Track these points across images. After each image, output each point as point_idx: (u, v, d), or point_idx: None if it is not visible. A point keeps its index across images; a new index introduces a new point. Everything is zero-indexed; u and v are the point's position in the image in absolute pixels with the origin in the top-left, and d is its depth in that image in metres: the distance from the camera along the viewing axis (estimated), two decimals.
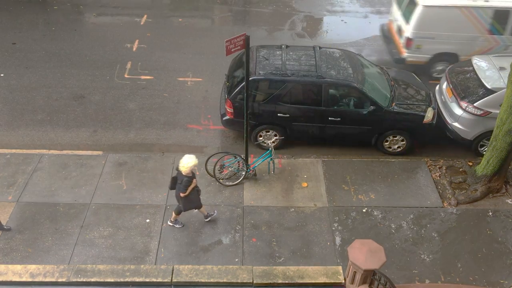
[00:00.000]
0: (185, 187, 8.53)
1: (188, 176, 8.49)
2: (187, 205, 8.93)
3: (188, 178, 8.49)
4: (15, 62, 13.89)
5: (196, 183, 8.77)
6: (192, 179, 8.56)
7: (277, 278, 7.39)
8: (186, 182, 8.49)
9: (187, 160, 8.40)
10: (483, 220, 9.91)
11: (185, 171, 8.42)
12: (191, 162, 8.39)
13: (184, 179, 8.48)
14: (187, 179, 8.49)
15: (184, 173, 8.46)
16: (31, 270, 7.36)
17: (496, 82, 10.76)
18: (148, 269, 7.47)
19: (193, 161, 8.42)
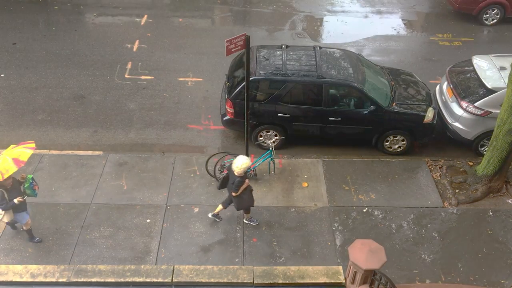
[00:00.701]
0: (237, 187, 8.65)
1: (241, 177, 8.58)
2: (240, 204, 9.03)
3: (240, 179, 8.59)
4: (15, 62, 13.89)
5: (249, 183, 8.87)
6: (244, 179, 8.68)
7: (277, 278, 7.38)
8: (238, 182, 8.60)
9: (241, 161, 8.48)
10: (484, 220, 9.91)
11: (238, 172, 8.50)
12: (245, 164, 8.48)
13: (236, 179, 8.58)
14: (240, 180, 8.59)
15: (237, 173, 8.54)
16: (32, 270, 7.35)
17: (497, 82, 10.75)
18: (149, 269, 7.46)
19: (247, 163, 8.51)
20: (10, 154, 8.09)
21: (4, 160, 7.98)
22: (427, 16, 17.31)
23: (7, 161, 7.96)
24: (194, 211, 9.78)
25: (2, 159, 7.99)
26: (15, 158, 8.05)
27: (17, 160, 8.03)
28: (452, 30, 16.29)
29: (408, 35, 16.06)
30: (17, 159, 8.05)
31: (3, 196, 8.14)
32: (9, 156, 8.03)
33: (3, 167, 7.88)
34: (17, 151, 8.20)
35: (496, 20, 16.41)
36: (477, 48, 15.01)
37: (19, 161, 8.05)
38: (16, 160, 8.03)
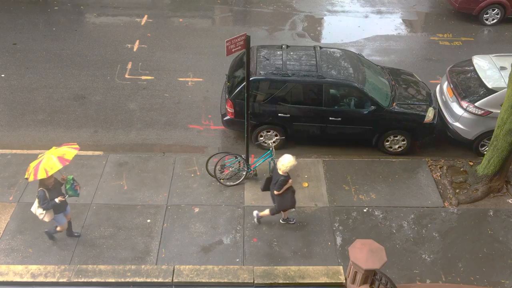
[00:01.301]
0: (280, 186, 8.63)
1: (284, 176, 8.58)
2: (281, 204, 9.00)
3: (284, 177, 8.59)
4: (15, 62, 13.90)
5: (291, 183, 8.84)
6: (288, 178, 8.66)
7: (278, 278, 7.38)
8: (282, 181, 8.59)
9: (288, 160, 8.48)
10: (484, 220, 9.90)
11: (283, 170, 8.51)
12: (291, 162, 8.47)
13: (280, 178, 8.58)
14: (283, 178, 8.59)
15: (281, 172, 8.55)
16: (32, 271, 7.36)
17: (497, 81, 10.75)
18: (149, 269, 7.46)
19: (293, 161, 8.50)
20: (55, 153, 8.11)
21: (48, 158, 7.99)
22: (427, 16, 17.31)
23: (52, 159, 7.97)
24: (194, 211, 9.78)
25: (47, 158, 8.01)
26: (60, 157, 8.07)
27: (62, 158, 8.05)
28: (452, 30, 16.28)
29: (408, 35, 16.06)
30: (62, 157, 8.07)
31: (44, 195, 8.16)
32: (53, 155, 8.05)
33: (47, 165, 7.90)
34: (61, 150, 8.22)
35: (496, 20, 16.41)
36: (478, 48, 15.02)
37: (64, 159, 8.05)
38: (61, 158, 8.05)
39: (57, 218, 8.60)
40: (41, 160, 8.03)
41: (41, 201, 8.20)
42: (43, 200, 8.18)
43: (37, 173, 7.88)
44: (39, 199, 8.22)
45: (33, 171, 7.94)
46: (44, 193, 8.17)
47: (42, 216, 8.41)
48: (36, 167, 7.97)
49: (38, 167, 7.93)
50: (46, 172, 7.85)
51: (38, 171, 7.89)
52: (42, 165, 7.93)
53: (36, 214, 8.47)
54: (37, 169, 7.92)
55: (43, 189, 8.18)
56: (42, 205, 8.22)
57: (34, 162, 8.11)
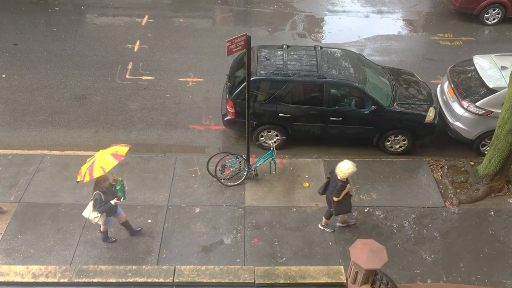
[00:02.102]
0: (339, 191, 8.61)
1: (343, 181, 8.55)
2: (339, 209, 8.97)
3: (343, 183, 8.56)
4: (16, 63, 13.90)
5: (349, 189, 8.82)
6: (346, 184, 8.63)
7: (278, 278, 7.39)
8: (340, 187, 8.57)
9: (347, 166, 8.44)
10: (485, 220, 9.90)
11: (342, 176, 8.47)
12: (350, 169, 8.44)
13: (338, 183, 8.55)
14: (342, 184, 8.56)
15: (340, 178, 8.51)
16: (33, 271, 7.37)
17: (498, 81, 10.74)
18: (150, 270, 7.47)
19: (352, 168, 8.46)
20: (107, 152, 8.08)
21: (102, 157, 7.97)
22: (428, 15, 17.30)
23: (106, 157, 7.94)
24: (195, 211, 9.78)
25: (100, 157, 7.98)
26: (113, 154, 8.04)
27: (116, 155, 8.03)
28: (453, 29, 16.27)
29: (409, 34, 16.05)
30: (116, 154, 8.05)
31: (101, 198, 8.14)
32: (106, 154, 8.02)
33: (103, 163, 7.87)
34: (113, 149, 8.20)
35: (497, 19, 16.39)
36: (478, 48, 15.00)
37: (118, 155, 8.03)
38: (115, 154, 8.02)
39: (107, 219, 8.61)
40: (93, 161, 7.96)
41: (97, 204, 8.16)
42: (99, 203, 8.14)
43: (93, 172, 7.81)
44: (95, 202, 8.18)
45: (88, 171, 7.86)
46: (100, 196, 8.13)
47: (97, 219, 8.37)
48: (90, 167, 7.89)
49: (93, 166, 7.85)
50: (103, 169, 7.81)
51: (94, 169, 7.82)
52: (97, 163, 7.85)
53: (89, 218, 8.42)
54: (92, 168, 7.84)
55: (99, 192, 8.14)
56: (98, 208, 8.18)
57: (86, 165, 8.04)
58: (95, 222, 8.46)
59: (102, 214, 8.36)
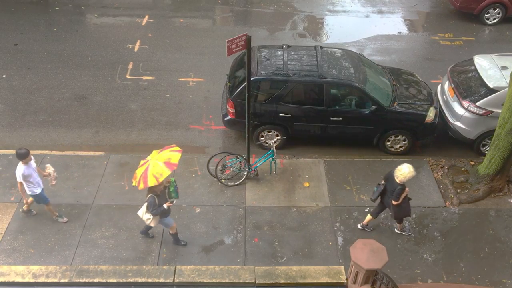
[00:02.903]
0: (398, 195, 8.58)
1: (401, 185, 8.53)
2: (398, 213, 8.96)
3: (402, 187, 8.55)
4: (17, 63, 13.91)
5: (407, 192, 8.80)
6: (405, 187, 8.62)
7: (279, 278, 7.39)
8: (400, 190, 8.55)
9: (408, 170, 8.42)
10: (486, 220, 9.89)
11: (402, 179, 8.46)
12: (411, 173, 8.42)
13: (398, 187, 8.53)
14: (401, 188, 8.54)
15: (399, 181, 8.50)
16: (34, 271, 7.37)
17: (498, 81, 10.74)
18: (150, 270, 7.47)
19: (412, 172, 8.44)
20: (160, 158, 8.00)
21: (155, 164, 7.89)
22: (428, 15, 17.30)
23: (159, 165, 7.86)
24: (195, 211, 9.78)
25: (153, 164, 7.90)
26: (166, 162, 7.94)
27: (169, 163, 7.92)
28: (453, 29, 16.27)
29: (409, 34, 16.05)
30: (169, 162, 7.94)
31: (154, 201, 8.10)
32: (159, 161, 7.94)
33: (156, 171, 7.79)
34: (166, 155, 8.09)
35: (497, 19, 16.39)
36: (479, 48, 15.00)
37: (171, 164, 7.94)
38: (168, 163, 7.92)
39: (165, 221, 8.62)
40: (147, 167, 7.91)
41: (150, 207, 8.14)
42: (153, 206, 8.12)
43: (147, 181, 7.78)
44: (148, 205, 8.16)
45: (142, 179, 7.82)
46: (154, 199, 8.09)
47: (149, 221, 8.36)
48: (144, 174, 7.84)
49: (147, 174, 7.81)
50: (156, 179, 7.76)
51: (148, 178, 7.78)
52: (150, 172, 7.80)
53: (142, 218, 8.43)
54: (146, 176, 7.79)
55: (153, 195, 8.10)
56: (152, 211, 8.17)
57: (140, 169, 8.00)
58: (147, 223, 8.43)
59: (155, 217, 8.32)
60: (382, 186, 8.87)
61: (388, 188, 8.76)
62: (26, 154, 8.43)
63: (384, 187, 8.85)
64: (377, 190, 8.97)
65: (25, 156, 8.42)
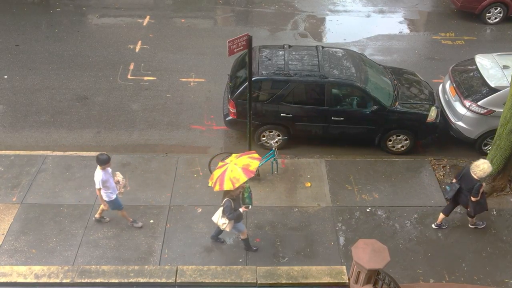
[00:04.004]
0: (478, 191, 8.66)
1: (479, 180, 8.61)
2: (477, 208, 9.02)
3: (480, 183, 8.62)
4: (18, 63, 13.93)
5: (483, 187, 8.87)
6: (482, 183, 8.71)
7: (281, 278, 7.38)
8: (479, 186, 8.63)
9: (487, 166, 8.52)
10: (487, 219, 9.87)
11: (481, 175, 8.54)
12: (490, 168, 8.53)
13: (477, 184, 8.60)
14: (479, 184, 8.62)
15: (477, 177, 8.57)
16: (36, 271, 7.38)
17: (500, 80, 10.72)
18: (152, 270, 7.47)
19: (491, 167, 8.56)
20: (239, 163, 7.97)
21: (233, 168, 7.86)
22: (429, 15, 17.29)
23: (237, 170, 7.82)
24: (197, 211, 9.78)
25: (231, 168, 7.88)
26: (244, 168, 7.90)
27: (247, 170, 7.89)
28: (454, 29, 16.25)
29: (410, 34, 16.04)
30: (247, 169, 7.91)
31: (231, 206, 8.06)
32: (237, 165, 7.91)
33: (233, 176, 7.76)
34: (245, 160, 8.05)
35: (499, 18, 16.37)
36: (480, 47, 14.98)
37: (249, 170, 7.90)
38: (246, 169, 7.88)
39: (238, 226, 8.59)
40: (225, 170, 7.90)
41: (227, 211, 8.10)
42: (229, 210, 8.08)
43: (223, 184, 7.75)
44: (225, 209, 8.12)
45: (219, 181, 7.80)
46: (230, 203, 8.06)
47: (225, 226, 8.31)
48: (221, 177, 7.82)
49: (224, 177, 7.78)
50: (233, 183, 7.73)
51: (224, 182, 7.75)
52: (227, 175, 7.77)
53: (217, 223, 8.39)
54: (223, 179, 7.77)
55: (229, 199, 8.07)
56: (228, 215, 8.13)
57: (218, 171, 7.97)
58: (222, 228, 8.38)
59: (230, 221, 8.29)
60: (457, 184, 8.96)
61: (464, 186, 8.83)
62: (108, 160, 8.33)
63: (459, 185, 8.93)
64: (451, 189, 9.07)
65: (107, 162, 8.32)
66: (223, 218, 8.27)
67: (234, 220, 8.35)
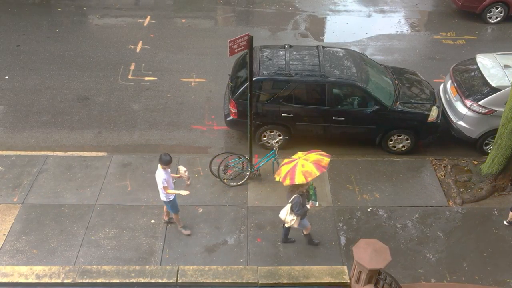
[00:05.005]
0: None
1: None
2: None
3: None
4: (19, 64, 13.94)
5: None
6: None
7: (282, 278, 7.38)
8: None
9: None
10: (489, 219, 9.87)
11: None
12: None
13: None
14: None
15: None
16: (37, 272, 7.39)
17: (501, 80, 10.71)
18: (153, 270, 7.48)
19: None
20: (309, 158, 7.90)
21: (304, 163, 7.80)
22: (430, 14, 17.27)
23: (309, 165, 7.76)
24: (198, 211, 9.79)
25: (301, 163, 7.82)
26: (316, 163, 7.82)
27: (319, 165, 7.83)
28: (455, 28, 16.24)
29: (411, 34, 16.03)
30: (319, 164, 7.84)
31: (300, 201, 8.03)
32: (308, 161, 7.84)
33: (305, 170, 7.70)
34: (314, 156, 7.98)
35: (499, 18, 16.36)
36: (481, 47, 14.97)
37: (321, 166, 7.84)
38: (318, 164, 7.82)
39: (304, 222, 8.60)
40: (295, 165, 7.84)
41: (296, 207, 8.08)
42: (299, 206, 8.06)
43: (294, 178, 7.70)
44: (294, 205, 8.09)
45: (289, 175, 7.74)
46: (300, 199, 8.04)
47: (293, 222, 8.29)
48: (291, 171, 7.76)
49: (295, 171, 7.72)
50: (305, 177, 7.68)
51: (296, 175, 7.70)
52: (299, 169, 7.71)
53: (285, 220, 8.35)
54: (294, 173, 7.72)
55: (299, 195, 8.04)
56: (297, 211, 8.12)
57: (287, 166, 7.92)
58: (290, 224, 8.37)
59: (298, 217, 8.27)
60: None
61: None
62: (170, 161, 8.28)
63: None
64: None
65: (169, 162, 8.28)
66: (291, 215, 8.24)
67: (301, 216, 8.32)
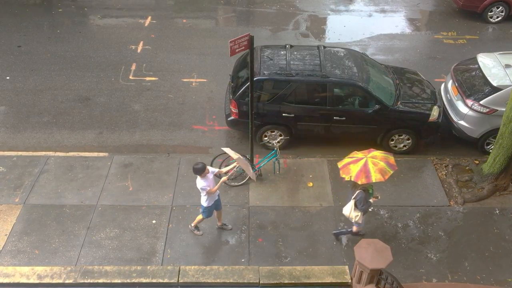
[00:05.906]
0: None
1: None
2: None
3: None
4: (20, 64, 13.96)
5: None
6: None
7: (283, 278, 7.38)
8: None
9: None
10: (490, 219, 9.86)
11: None
12: None
13: None
14: None
15: None
16: (39, 272, 7.39)
17: (502, 79, 10.70)
18: (155, 270, 7.48)
19: None
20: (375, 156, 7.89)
21: (376, 162, 7.79)
22: (431, 14, 17.26)
23: (381, 163, 7.76)
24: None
25: (372, 161, 7.80)
26: (385, 161, 7.82)
27: (389, 163, 7.83)
28: (456, 28, 16.23)
29: (412, 33, 16.02)
30: (389, 162, 7.85)
31: (365, 197, 8.05)
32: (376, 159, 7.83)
33: (380, 168, 7.72)
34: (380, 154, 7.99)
35: (501, 17, 16.34)
36: (482, 46, 14.95)
37: (391, 164, 7.85)
38: (388, 163, 7.83)
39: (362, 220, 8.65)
40: (365, 163, 7.81)
41: (361, 203, 8.12)
42: (363, 202, 8.09)
43: (370, 177, 7.72)
44: (358, 201, 8.13)
45: (363, 174, 7.72)
46: (364, 195, 8.07)
47: (358, 217, 8.34)
48: (364, 170, 7.73)
49: (369, 170, 7.70)
50: (382, 175, 7.69)
51: (371, 174, 7.70)
52: (372, 168, 7.72)
53: (349, 216, 8.42)
54: (368, 171, 7.71)
55: (362, 191, 8.07)
56: (362, 206, 8.16)
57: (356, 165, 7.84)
58: (355, 220, 8.42)
59: (362, 212, 8.31)
60: None
61: None
62: (203, 169, 8.21)
63: None
64: None
65: (202, 171, 8.23)
66: (356, 211, 8.29)
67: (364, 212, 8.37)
